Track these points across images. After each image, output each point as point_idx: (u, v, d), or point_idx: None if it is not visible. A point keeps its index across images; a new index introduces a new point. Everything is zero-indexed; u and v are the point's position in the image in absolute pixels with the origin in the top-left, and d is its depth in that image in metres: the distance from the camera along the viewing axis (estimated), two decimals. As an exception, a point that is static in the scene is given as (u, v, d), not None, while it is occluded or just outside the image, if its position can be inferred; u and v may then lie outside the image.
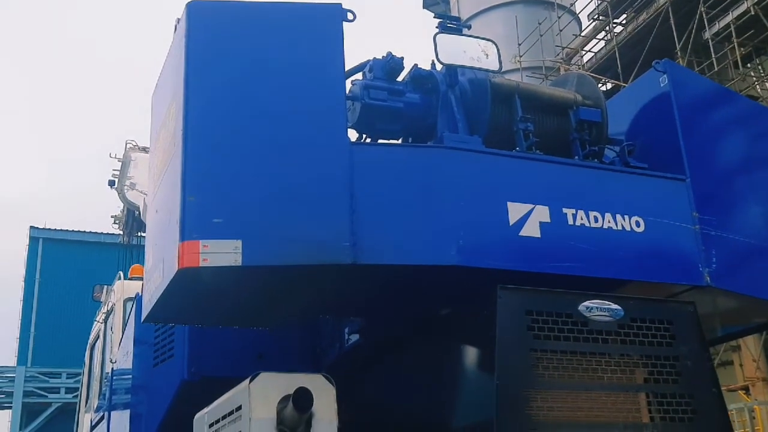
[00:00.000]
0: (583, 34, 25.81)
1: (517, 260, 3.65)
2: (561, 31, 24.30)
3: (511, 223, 3.67)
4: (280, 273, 3.47)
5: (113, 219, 17.68)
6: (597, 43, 24.76)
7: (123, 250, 15.99)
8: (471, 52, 4.06)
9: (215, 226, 3.30)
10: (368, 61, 4.27)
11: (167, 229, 3.52)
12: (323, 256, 3.43)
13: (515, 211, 3.69)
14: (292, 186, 3.47)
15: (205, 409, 3.83)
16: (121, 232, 16.74)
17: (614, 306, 3.66)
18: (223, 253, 3.27)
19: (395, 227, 3.56)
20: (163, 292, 3.54)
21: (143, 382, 5.57)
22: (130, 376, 5.84)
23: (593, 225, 3.84)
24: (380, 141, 4.31)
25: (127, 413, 5.89)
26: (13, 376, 30.81)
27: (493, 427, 3.33)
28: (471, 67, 4.11)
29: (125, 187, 13.53)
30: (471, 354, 4.23)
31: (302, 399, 3.20)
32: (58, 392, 30.46)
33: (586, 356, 3.57)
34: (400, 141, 4.40)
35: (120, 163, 14.47)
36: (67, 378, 30.01)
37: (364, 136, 4.30)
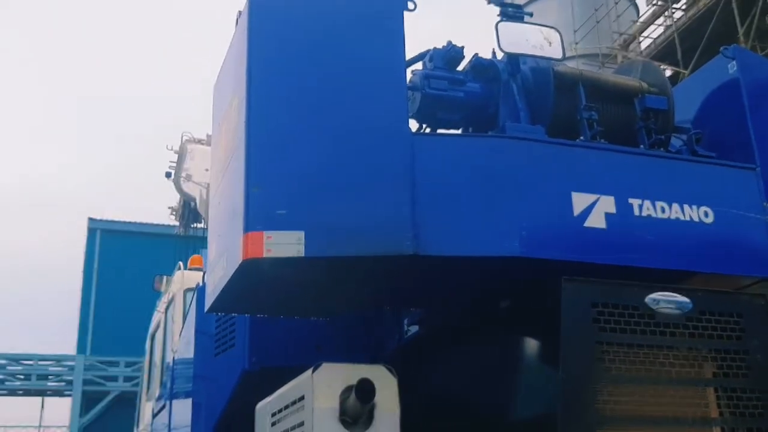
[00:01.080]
0: (641, 19, 25.30)
1: (581, 251, 3.58)
2: (618, 17, 23.86)
3: (575, 214, 3.61)
4: (341, 264, 3.47)
5: (170, 210, 17.96)
6: (655, 29, 24.24)
7: (179, 241, 16.23)
8: (533, 40, 4.00)
9: (278, 218, 3.32)
10: (428, 50, 4.24)
11: (231, 221, 3.55)
12: (385, 247, 3.42)
13: (579, 201, 3.63)
14: (353, 177, 3.47)
15: (267, 399, 3.86)
16: (178, 223, 17.00)
17: (682, 298, 3.57)
18: (286, 244, 3.29)
19: (457, 218, 3.53)
20: (227, 282, 3.57)
21: (204, 372, 5.64)
22: (191, 366, 5.92)
23: (660, 215, 3.76)
24: (440, 131, 4.28)
25: (188, 402, 5.98)
26: (73, 365, 31.59)
27: (556, 420, 3.29)
28: (533, 56, 4.05)
29: (181, 179, 13.73)
30: (533, 346, 4.18)
31: (365, 390, 3.20)
32: (116, 381, 31.11)
33: (653, 350, 3.49)
34: (460, 131, 4.37)
35: (176, 155, 14.68)
36: (125, 367, 30.63)
37: (424, 126, 4.28)
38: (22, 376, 32.03)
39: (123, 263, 31.96)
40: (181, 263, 8.24)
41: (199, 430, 5.58)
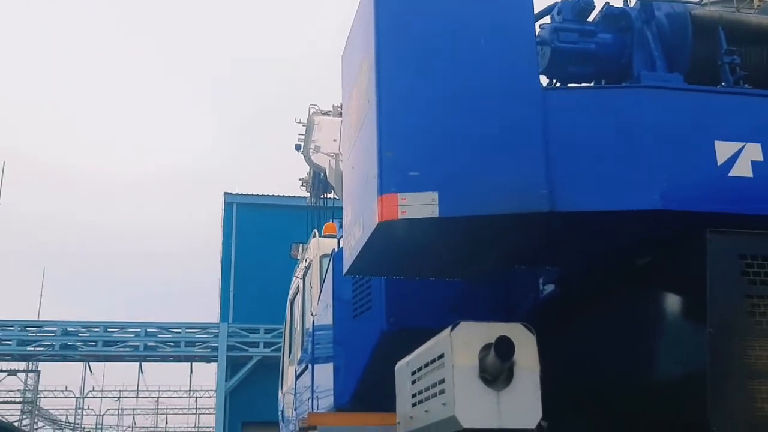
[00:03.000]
0: (780, -42, 23.62)
1: (726, 202, 3.44)
2: (755, -43, 22.38)
3: (719, 164, 3.47)
4: (476, 223, 3.48)
5: (300, 182, 18.34)
6: (797, -33, 22.57)
7: (310, 211, 16.58)
8: (668, -16, 3.83)
9: (412, 179, 3.36)
10: (556, 3, 4.15)
11: (365, 185, 3.62)
12: (519, 204, 3.41)
13: (723, 150, 3.48)
14: (485, 135, 3.46)
15: (407, 358, 3.93)
16: (308, 194, 17.34)
17: None
18: (420, 205, 3.33)
19: (593, 172, 3.46)
20: (364, 245, 3.65)
21: (343, 334, 5.78)
22: (331, 329, 6.09)
23: None
24: (571, 84, 4.18)
25: (329, 364, 6.17)
26: (217, 332, 33.17)
27: (703, 376, 3.19)
28: (669, 0, 3.88)
29: (310, 150, 13.97)
30: (674, 303, 4.05)
31: (504, 347, 3.21)
32: (257, 346, 32.40)
33: None
34: (592, 84, 4.26)
35: (304, 128, 14.96)
36: (264, 333, 31.83)
37: (555, 80, 4.19)
38: (172, 344, 34.05)
39: (258, 234, 33.05)
40: (316, 231, 8.44)
41: (341, 391, 5.76)
